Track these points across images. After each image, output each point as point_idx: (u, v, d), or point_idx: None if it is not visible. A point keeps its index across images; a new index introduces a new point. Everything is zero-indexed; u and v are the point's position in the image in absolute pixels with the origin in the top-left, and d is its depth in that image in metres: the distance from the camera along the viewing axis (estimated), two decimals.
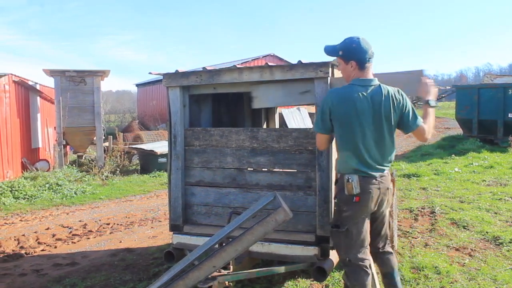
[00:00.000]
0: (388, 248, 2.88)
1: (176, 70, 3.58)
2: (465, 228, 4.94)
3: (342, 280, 2.88)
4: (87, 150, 13.08)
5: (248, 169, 3.46)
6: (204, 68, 3.48)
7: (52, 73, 11.04)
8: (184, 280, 2.53)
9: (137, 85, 32.08)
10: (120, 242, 5.30)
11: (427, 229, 4.99)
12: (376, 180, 2.59)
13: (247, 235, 2.52)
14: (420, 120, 2.67)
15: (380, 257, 2.85)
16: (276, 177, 3.37)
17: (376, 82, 2.63)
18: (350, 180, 2.56)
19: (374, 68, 2.71)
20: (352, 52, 2.60)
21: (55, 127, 11.36)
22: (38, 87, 11.74)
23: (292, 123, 15.49)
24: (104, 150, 11.68)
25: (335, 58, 2.81)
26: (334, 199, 2.85)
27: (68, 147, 12.42)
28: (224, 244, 2.68)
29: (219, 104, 4.62)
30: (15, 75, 9.99)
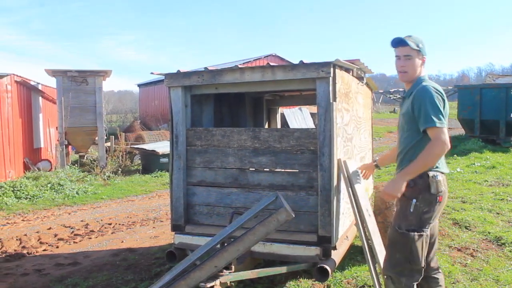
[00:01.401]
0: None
1: (178, 70, 3.57)
2: (467, 229, 4.93)
3: None
4: (89, 150, 13.10)
5: (250, 169, 3.45)
6: (205, 68, 3.48)
7: (54, 73, 11.05)
8: (186, 280, 2.53)
9: (139, 85, 32.09)
10: (122, 242, 5.31)
11: None
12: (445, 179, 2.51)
13: (249, 235, 2.52)
14: None
15: (433, 277, 2.64)
16: (278, 177, 3.37)
17: None
18: (437, 177, 2.43)
19: (376, 68, 2.70)
20: (425, 48, 2.56)
21: (57, 127, 11.37)
22: (40, 87, 11.75)
23: (294, 123, 15.50)
24: (106, 150, 11.69)
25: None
26: (413, 201, 2.45)
27: (70, 147, 12.43)
28: (226, 244, 2.68)
29: (220, 104, 4.62)
30: (17, 75, 10.00)
